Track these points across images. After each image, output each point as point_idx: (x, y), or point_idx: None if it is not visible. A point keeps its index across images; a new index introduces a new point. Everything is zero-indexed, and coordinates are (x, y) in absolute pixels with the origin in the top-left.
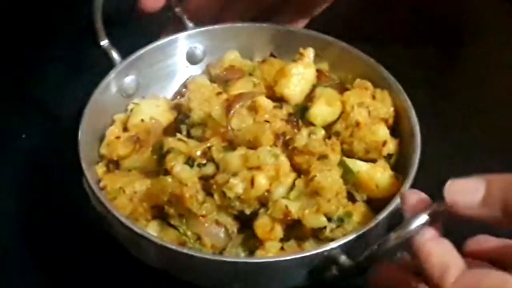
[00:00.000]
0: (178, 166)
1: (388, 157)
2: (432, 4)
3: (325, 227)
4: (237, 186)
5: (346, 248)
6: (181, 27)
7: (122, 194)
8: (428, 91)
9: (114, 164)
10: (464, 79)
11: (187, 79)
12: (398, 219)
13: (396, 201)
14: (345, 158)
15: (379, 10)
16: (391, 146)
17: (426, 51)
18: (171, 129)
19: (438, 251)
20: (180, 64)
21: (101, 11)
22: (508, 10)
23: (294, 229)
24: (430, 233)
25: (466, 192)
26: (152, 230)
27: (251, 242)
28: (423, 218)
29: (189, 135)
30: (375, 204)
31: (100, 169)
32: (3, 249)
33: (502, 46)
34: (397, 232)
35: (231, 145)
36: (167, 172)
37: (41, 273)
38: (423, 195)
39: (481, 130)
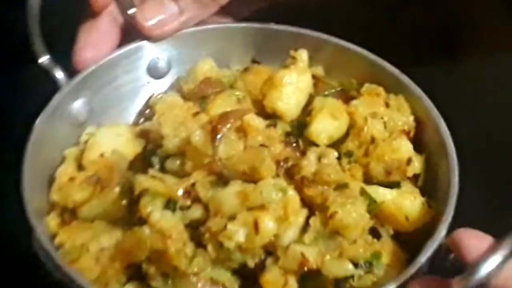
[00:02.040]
0: (156, 213)
1: (414, 178)
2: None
3: (352, 276)
4: (237, 233)
5: None
6: (141, 36)
7: (86, 253)
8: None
9: (70, 214)
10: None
11: (150, 97)
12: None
13: (438, 237)
14: (364, 186)
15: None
16: (417, 164)
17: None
18: (139, 164)
19: None
20: (141, 80)
21: (39, 20)
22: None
23: (311, 280)
24: None
25: None
26: None
27: None
28: (494, 261)
29: (163, 170)
30: (403, 238)
31: (53, 221)
32: None
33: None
34: (462, 282)
35: (221, 179)
36: (142, 221)
37: None
38: (480, 234)
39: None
